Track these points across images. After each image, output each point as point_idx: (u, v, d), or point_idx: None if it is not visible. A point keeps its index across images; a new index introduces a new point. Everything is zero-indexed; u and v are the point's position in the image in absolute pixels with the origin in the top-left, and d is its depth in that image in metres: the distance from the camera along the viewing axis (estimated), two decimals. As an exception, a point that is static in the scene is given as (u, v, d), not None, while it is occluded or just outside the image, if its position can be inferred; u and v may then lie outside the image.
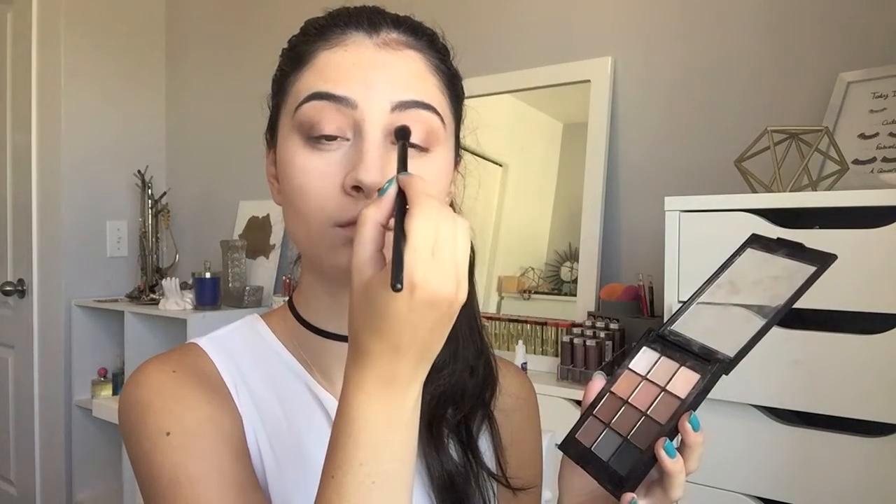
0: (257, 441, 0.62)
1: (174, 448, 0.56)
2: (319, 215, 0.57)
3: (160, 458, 0.56)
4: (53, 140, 2.58)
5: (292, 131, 0.60)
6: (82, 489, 2.59)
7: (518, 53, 1.86)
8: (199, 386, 0.61)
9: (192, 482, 0.55)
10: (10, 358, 2.74)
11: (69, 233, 2.57)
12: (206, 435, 0.58)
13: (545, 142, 1.84)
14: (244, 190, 2.53)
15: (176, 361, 0.63)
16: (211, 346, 0.65)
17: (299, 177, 0.58)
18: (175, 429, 0.57)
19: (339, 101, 0.58)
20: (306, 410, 0.65)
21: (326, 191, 0.57)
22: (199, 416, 0.59)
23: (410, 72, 0.60)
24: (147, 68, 2.80)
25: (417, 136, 0.58)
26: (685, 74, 1.62)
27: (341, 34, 0.61)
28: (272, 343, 0.67)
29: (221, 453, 0.57)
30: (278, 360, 0.67)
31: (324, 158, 0.58)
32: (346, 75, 0.58)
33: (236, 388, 0.63)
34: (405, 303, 0.45)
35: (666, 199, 1.23)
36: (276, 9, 2.41)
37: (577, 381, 1.51)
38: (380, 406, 0.48)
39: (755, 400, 1.10)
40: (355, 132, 0.58)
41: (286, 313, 0.69)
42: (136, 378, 0.61)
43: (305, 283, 0.67)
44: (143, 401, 0.59)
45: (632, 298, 1.57)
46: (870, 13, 1.39)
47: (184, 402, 0.59)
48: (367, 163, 0.55)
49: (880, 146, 1.28)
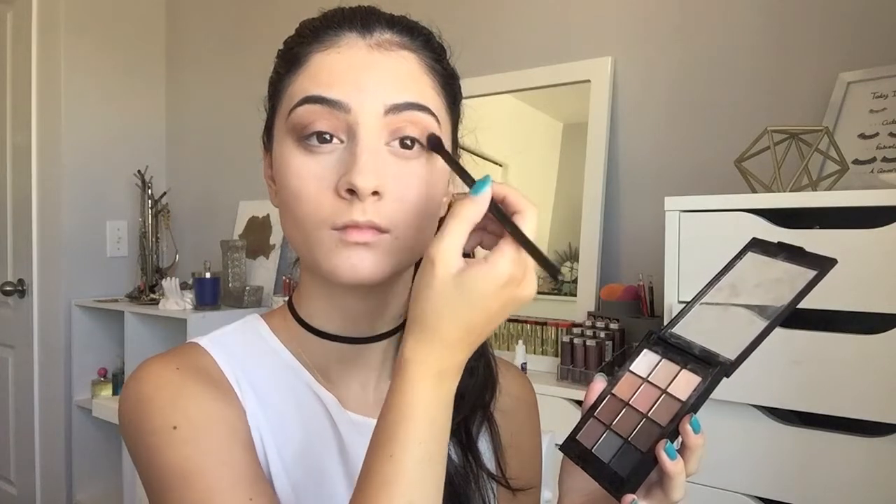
0: (261, 438, 0.62)
1: (182, 442, 0.56)
2: (314, 218, 0.57)
3: (168, 453, 0.56)
4: (53, 140, 2.58)
5: (287, 134, 0.60)
6: (82, 489, 2.59)
7: (518, 53, 1.86)
8: (203, 382, 0.61)
9: (202, 475, 0.55)
10: (10, 358, 2.74)
11: (69, 233, 2.57)
12: (214, 428, 0.58)
13: (545, 142, 1.84)
14: (244, 190, 2.53)
15: (179, 359, 0.63)
16: (212, 345, 0.65)
17: (294, 180, 0.58)
18: (182, 423, 0.57)
19: (332, 105, 0.57)
20: (308, 409, 0.65)
21: (321, 194, 0.57)
22: (206, 410, 0.58)
23: (404, 73, 0.60)
24: (147, 68, 2.80)
25: (414, 136, 0.59)
26: (685, 74, 1.62)
27: (335, 35, 0.60)
28: (273, 343, 0.67)
29: (231, 446, 0.57)
30: (279, 360, 0.67)
31: (318, 161, 0.58)
32: (338, 78, 0.58)
33: (239, 386, 0.63)
34: (505, 297, 0.50)
35: (666, 199, 1.23)
36: (276, 9, 2.41)
37: (577, 382, 1.51)
38: (440, 389, 0.51)
39: (755, 400, 1.10)
40: (349, 135, 0.58)
41: (286, 314, 0.69)
42: (139, 375, 0.61)
43: (304, 285, 0.67)
44: (148, 397, 0.59)
45: (632, 298, 1.57)
46: (870, 13, 1.39)
47: (189, 397, 0.59)
48: (361, 166, 0.55)
49: (880, 146, 1.28)
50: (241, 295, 2.28)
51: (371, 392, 0.68)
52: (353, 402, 0.67)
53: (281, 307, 0.71)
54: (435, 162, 0.60)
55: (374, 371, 0.68)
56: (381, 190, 0.56)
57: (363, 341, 0.66)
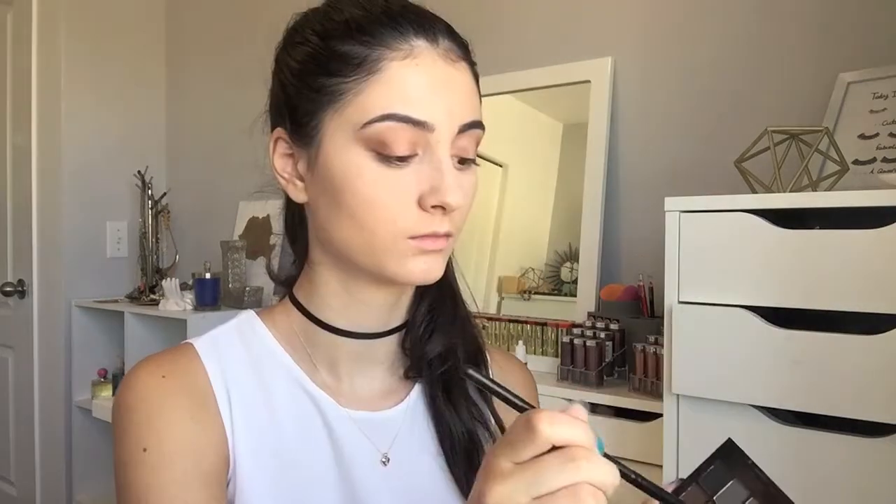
0: (246, 447, 0.63)
1: (147, 468, 0.59)
2: (391, 227, 0.59)
3: (133, 475, 0.59)
4: (53, 141, 2.57)
5: (357, 142, 0.58)
6: (82, 489, 2.59)
7: (518, 53, 1.86)
8: (186, 397, 0.62)
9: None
10: (10, 358, 2.74)
11: (69, 233, 2.57)
12: (180, 461, 0.59)
13: (545, 142, 1.84)
14: (244, 190, 2.51)
15: (168, 365, 0.63)
16: (205, 347, 0.66)
17: (369, 189, 0.58)
18: (153, 447, 0.59)
19: (418, 125, 0.58)
20: (301, 413, 0.65)
21: (400, 205, 0.59)
22: (177, 436, 0.60)
23: (470, 89, 0.62)
24: (147, 69, 2.80)
25: (471, 153, 0.62)
26: (685, 74, 1.62)
27: (403, 41, 0.59)
28: (269, 343, 0.68)
29: (191, 483, 0.59)
30: (274, 362, 0.67)
31: (398, 175, 0.59)
32: (423, 96, 0.58)
33: (228, 394, 0.64)
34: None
35: (666, 199, 1.23)
36: (276, 9, 2.40)
37: (577, 382, 1.51)
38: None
39: (755, 400, 1.10)
40: (426, 149, 0.59)
41: (289, 310, 0.69)
42: (128, 380, 0.63)
43: (320, 280, 0.67)
44: (130, 407, 0.61)
45: (632, 299, 1.57)
46: (870, 13, 1.39)
47: (166, 417, 0.60)
48: (450, 186, 0.58)
49: (880, 146, 1.28)
50: (241, 295, 2.28)
51: (377, 385, 0.69)
52: (357, 396, 0.68)
53: (281, 304, 0.71)
54: (477, 170, 0.64)
55: (381, 365, 0.70)
56: None
57: (376, 336, 0.67)
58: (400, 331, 0.69)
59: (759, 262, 1.08)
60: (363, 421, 0.67)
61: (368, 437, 0.66)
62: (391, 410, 0.69)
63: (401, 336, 0.70)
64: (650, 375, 1.40)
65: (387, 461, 0.67)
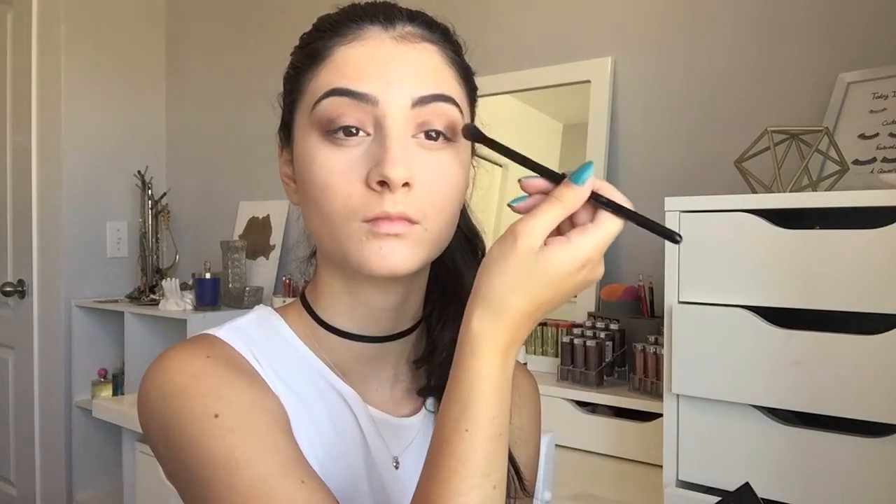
0: (296, 423, 0.61)
1: (225, 430, 0.54)
2: (344, 211, 0.57)
3: (210, 442, 0.54)
4: (53, 140, 2.57)
5: (311, 129, 0.59)
6: (82, 489, 2.59)
7: (518, 53, 1.86)
8: (235, 370, 0.60)
9: (250, 462, 0.53)
10: (10, 358, 2.74)
11: (69, 233, 2.57)
12: (257, 415, 0.56)
13: (545, 142, 1.84)
14: (244, 190, 2.53)
15: (206, 348, 0.61)
16: (231, 336, 0.63)
17: (321, 173, 0.58)
18: (224, 410, 0.55)
19: (360, 98, 0.57)
20: (332, 404, 0.65)
21: (350, 186, 0.57)
22: (245, 396, 0.57)
23: (429, 65, 0.60)
24: (147, 69, 2.80)
25: (437, 126, 0.59)
26: (685, 75, 1.62)
27: (357, 28, 0.60)
28: (289, 337, 0.67)
29: (275, 432, 0.56)
30: (296, 354, 0.66)
31: (345, 154, 0.58)
32: (365, 71, 0.58)
33: (266, 375, 0.62)
34: (581, 278, 0.52)
35: (666, 199, 1.23)
36: (276, 9, 2.41)
37: (577, 382, 1.51)
38: (508, 363, 0.52)
39: (755, 400, 1.10)
40: (376, 128, 0.58)
41: (301, 310, 0.68)
42: (167, 364, 0.59)
43: (323, 283, 0.66)
44: (183, 385, 0.57)
45: (632, 299, 1.57)
46: (870, 13, 1.39)
47: (226, 385, 0.57)
48: (392, 158, 0.56)
49: (880, 146, 1.28)
50: (241, 295, 2.28)
51: (388, 390, 0.69)
52: (372, 398, 0.67)
53: (294, 303, 0.70)
54: (459, 153, 0.61)
55: (391, 369, 0.69)
56: (412, 181, 0.57)
57: (384, 340, 0.67)
58: (409, 334, 0.68)
59: (760, 262, 1.08)
60: (382, 422, 0.66)
61: (384, 438, 0.66)
62: (410, 419, 0.69)
63: (413, 338, 0.69)
64: (650, 375, 1.40)
65: (397, 465, 0.66)
